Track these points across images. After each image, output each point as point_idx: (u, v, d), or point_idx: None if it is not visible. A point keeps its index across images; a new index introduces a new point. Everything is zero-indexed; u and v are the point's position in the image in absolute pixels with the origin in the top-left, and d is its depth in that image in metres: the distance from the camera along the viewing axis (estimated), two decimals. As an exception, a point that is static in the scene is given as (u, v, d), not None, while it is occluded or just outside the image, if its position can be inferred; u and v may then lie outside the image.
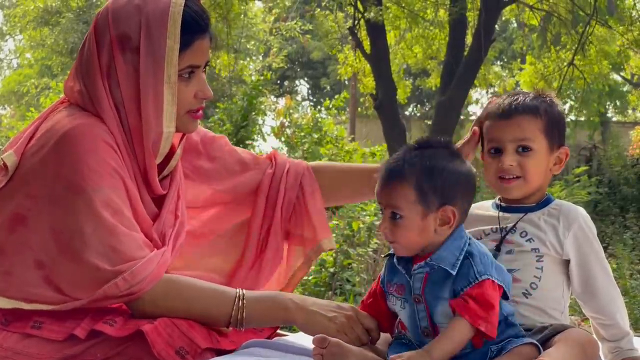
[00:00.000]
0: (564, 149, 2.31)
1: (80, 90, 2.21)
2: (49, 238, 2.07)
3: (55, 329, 2.04)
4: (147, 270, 2.06)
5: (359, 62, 15.98)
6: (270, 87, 18.40)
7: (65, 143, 2.08)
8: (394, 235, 2.03)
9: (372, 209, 7.89)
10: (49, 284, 2.07)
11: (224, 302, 2.15)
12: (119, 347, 2.01)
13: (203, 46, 2.27)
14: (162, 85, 2.18)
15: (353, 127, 21.70)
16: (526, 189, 2.26)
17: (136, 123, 2.19)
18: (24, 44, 23.62)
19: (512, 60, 24.02)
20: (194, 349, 2.01)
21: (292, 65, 32.40)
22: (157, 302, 2.09)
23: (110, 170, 2.10)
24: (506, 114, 2.26)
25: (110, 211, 2.06)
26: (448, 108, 14.13)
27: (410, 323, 2.06)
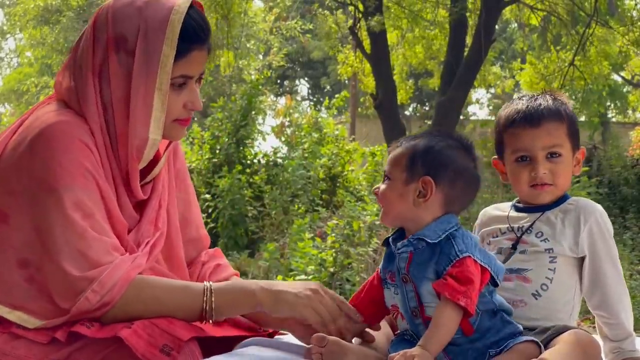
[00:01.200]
0: (582, 149, 2.33)
1: (68, 86, 2.19)
2: (34, 237, 2.04)
3: (38, 331, 2.02)
4: (116, 276, 2.02)
5: (359, 62, 15.99)
6: (270, 86, 18.41)
7: (40, 140, 2.05)
8: (382, 197, 2.10)
9: (374, 209, 7.90)
10: (31, 285, 2.05)
11: (193, 297, 2.12)
12: (103, 352, 1.99)
13: (199, 57, 2.23)
14: (152, 92, 2.14)
15: (353, 127, 21.70)
16: (557, 194, 2.29)
17: (122, 125, 2.16)
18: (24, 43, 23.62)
19: (512, 61, 24.02)
20: (177, 343, 1.98)
21: (292, 64, 32.40)
22: (128, 307, 2.05)
23: (84, 170, 2.07)
24: (534, 121, 2.25)
25: (81, 213, 2.03)
26: (448, 108, 14.13)
27: (402, 306, 2.07)
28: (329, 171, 11.28)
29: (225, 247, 9.39)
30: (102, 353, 1.99)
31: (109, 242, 2.08)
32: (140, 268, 2.11)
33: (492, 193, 11.60)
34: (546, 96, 2.32)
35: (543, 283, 2.22)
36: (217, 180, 10.06)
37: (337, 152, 11.82)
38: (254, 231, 9.59)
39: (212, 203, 10.01)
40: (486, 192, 11.67)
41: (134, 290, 2.06)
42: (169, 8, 2.15)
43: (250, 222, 9.78)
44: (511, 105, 2.35)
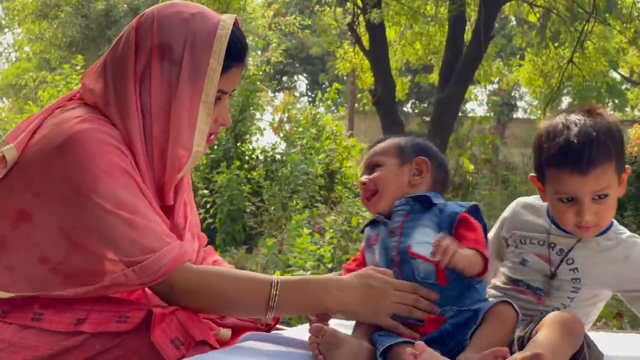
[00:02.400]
0: (626, 170, 2.20)
1: (102, 91, 2.19)
2: (59, 236, 2.06)
3: (55, 320, 2.03)
4: (162, 262, 2.04)
5: (358, 58, 15.99)
6: (269, 82, 18.39)
7: (73, 144, 2.05)
8: (378, 181, 2.31)
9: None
10: (56, 275, 2.07)
11: (259, 292, 2.12)
12: (117, 339, 2.00)
13: (237, 75, 2.28)
14: (198, 104, 2.18)
15: (351, 123, 21.69)
16: (601, 229, 2.23)
17: (160, 133, 2.17)
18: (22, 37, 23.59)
19: (511, 57, 24.02)
20: (188, 340, 2.00)
21: (291, 60, 32.37)
22: (193, 295, 2.08)
23: (122, 171, 2.08)
24: (582, 169, 2.09)
25: (125, 210, 2.04)
26: (447, 104, 14.14)
27: (381, 258, 2.24)
28: (327, 167, 11.28)
29: (223, 243, 9.39)
30: (116, 340, 2.00)
31: (160, 229, 2.10)
32: (188, 255, 2.13)
33: (491, 190, 11.61)
34: (591, 123, 2.13)
35: (556, 308, 2.21)
36: (215, 175, 10.06)
37: (335, 148, 11.82)
38: (252, 227, 9.59)
39: (210, 199, 10.01)
40: (484, 188, 11.69)
41: (198, 278, 2.10)
42: (215, 23, 2.20)
43: (248, 217, 9.77)
44: (553, 132, 2.17)
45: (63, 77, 11.44)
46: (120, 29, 13.20)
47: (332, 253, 7.03)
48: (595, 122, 2.13)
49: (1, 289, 2.08)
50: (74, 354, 1.99)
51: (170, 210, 2.31)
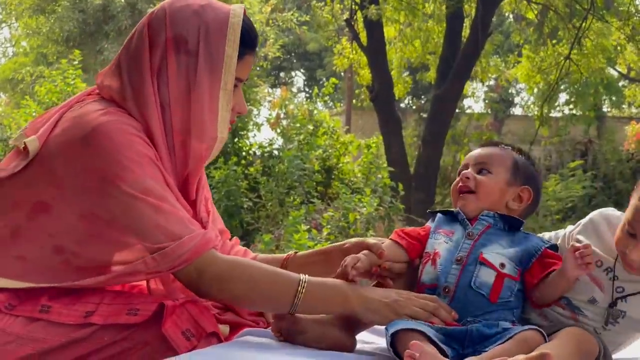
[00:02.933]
0: None
1: (120, 86, 2.21)
2: (77, 223, 2.08)
3: (64, 312, 2.04)
4: (182, 249, 2.06)
5: (356, 54, 15.97)
6: (266, 77, 18.38)
7: (98, 136, 2.07)
8: (483, 186, 2.36)
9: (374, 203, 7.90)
10: (68, 266, 2.09)
11: (286, 286, 2.16)
12: (126, 331, 2.01)
13: (251, 62, 2.33)
14: (218, 92, 2.22)
15: (349, 119, 21.68)
16: None
17: (180, 125, 2.21)
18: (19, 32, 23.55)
19: (509, 54, 24.01)
20: (199, 332, 2.03)
21: (288, 56, 32.35)
22: (222, 283, 2.11)
23: (149, 160, 2.11)
24: None
25: (153, 197, 2.07)
26: (444, 101, 14.14)
27: (447, 253, 2.28)
28: (324, 163, 11.28)
29: (220, 238, 9.37)
30: (125, 333, 2.01)
31: (185, 217, 2.13)
32: (212, 242, 2.16)
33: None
34: None
35: (590, 327, 2.18)
36: (213, 171, 10.05)
37: (332, 144, 11.81)
38: (249, 222, 9.58)
39: (208, 194, 10.00)
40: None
41: (228, 267, 2.13)
42: (227, 12, 2.24)
43: (246, 213, 9.77)
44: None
45: (60, 72, 11.40)
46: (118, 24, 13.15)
47: (330, 249, 7.03)
48: None
49: (12, 279, 2.09)
50: (83, 346, 2.01)
51: (193, 204, 2.34)
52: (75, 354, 2.01)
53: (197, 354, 1.95)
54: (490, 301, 2.18)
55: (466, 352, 2.03)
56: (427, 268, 2.31)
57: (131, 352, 2.00)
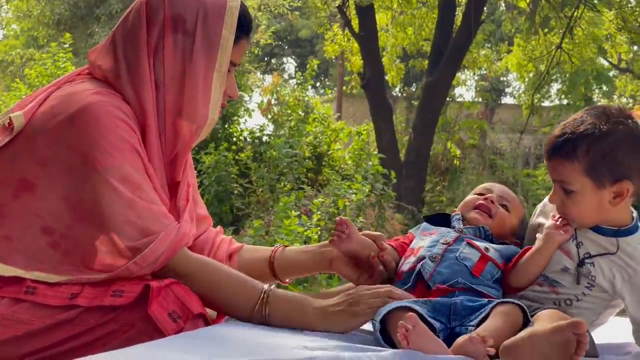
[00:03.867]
0: (621, 183, 2.22)
1: (115, 64, 2.21)
2: (63, 207, 2.07)
3: (49, 294, 2.03)
4: (160, 249, 2.08)
5: (347, 41, 15.94)
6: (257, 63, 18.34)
7: (84, 117, 2.07)
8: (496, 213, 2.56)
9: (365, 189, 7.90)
10: (56, 250, 2.07)
11: (248, 294, 2.18)
12: (112, 314, 2.00)
13: (245, 46, 2.35)
14: (212, 72, 2.24)
15: (340, 106, 21.66)
16: (575, 223, 2.30)
17: (173, 105, 2.22)
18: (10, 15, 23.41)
19: (500, 43, 24.01)
20: (186, 313, 2.03)
21: (280, 42, 32.29)
22: (187, 282, 2.11)
23: (130, 147, 2.11)
24: (547, 155, 2.31)
25: (129, 186, 2.07)
26: (435, 89, 14.14)
27: (430, 242, 2.40)
28: (315, 150, 11.28)
29: (210, 224, 9.37)
30: (110, 315, 2.00)
31: (158, 210, 2.13)
32: (187, 237, 2.19)
33: (478, 174, 11.64)
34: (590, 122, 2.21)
35: (569, 299, 2.26)
36: (204, 156, 10.05)
37: (323, 131, 11.81)
38: (240, 208, 9.58)
39: (198, 179, 10.00)
40: (471, 173, 11.72)
41: (193, 265, 2.15)
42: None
43: (236, 199, 9.77)
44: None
45: (50, 55, 11.37)
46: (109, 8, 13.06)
47: (319, 235, 7.05)
48: (597, 124, 2.20)
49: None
50: (68, 328, 2.00)
51: (176, 187, 2.34)
52: (61, 336, 1.99)
53: (188, 335, 1.95)
54: (473, 274, 2.25)
55: (453, 325, 2.08)
56: (409, 259, 2.39)
57: (117, 334, 1.99)
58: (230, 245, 2.62)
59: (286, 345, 1.88)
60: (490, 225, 2.49)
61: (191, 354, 1.61)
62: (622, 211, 2.27)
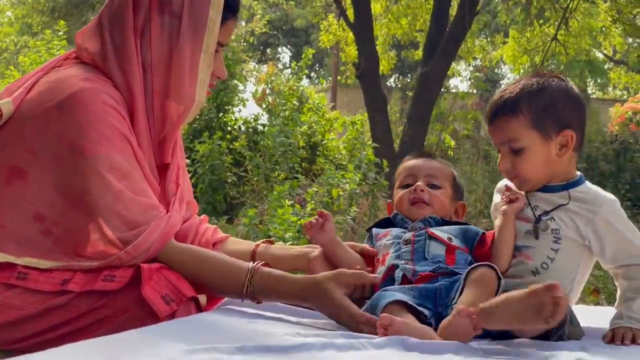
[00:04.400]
0: (564, 132, 2.33)
1: (101, 46, 2.20)
2: (55, 194, 2.07)
3: (41, 280, 2.03)
4: (151, 239, 2.08)
5: (342, 31, 15.92)
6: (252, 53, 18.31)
7: (73, 104, 2.06)
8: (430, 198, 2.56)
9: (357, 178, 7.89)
10: (48, 237, 2.07)
11: (236, 277, 2.18)
12: (104, 299, 2.01)
13: (232, 27, 2.34)
14: (199, 54, 2.23)
15: (334, 96, 21.65)
16: (530, 183, 2.38)
17: (160, 86, 2.22)
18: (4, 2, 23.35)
19: (495, 34, 24.00)
20: (179, 297, 2.03)
21: (275, 32, 32.24)
22: (173, 267, 2.11)
23: (120, 134, 2.11)
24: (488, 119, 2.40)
25: (118, 175, 2.07)
26: (430, 79, 14.11)
27: (392, 247, 2.38)
28: (309, 139, 11.27)
29: (203, 213, 9.36)
30: (103, 300, 2.00)
31: (146, 202, 2.13)
32: (176, 227, 2.20)
33: (472, 165, 11.64)
34: (525, 83, 2.34)
35: (544, 262, 2.29)
36: (197, 145, 10.03)
37: (317, 121, 11.80)
38: (234, 197, 9.58)
39: (192, 168, 9.98)
40: (466, 163, 11.72)
41: (176, 255, 2.15)
42: None
43: (230, 188, 9.76)
44: None
45: (45, 42, 11.33)
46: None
47: (313, 224, 7.03)
48: (533, 82, 2.33)
49: None
50: (60, 314, 2.00)
51: (166, 169, 2.33)
52: (53, 321, 2.00)
53: (180, 322, 1.95)
54: (448, 266, 2.26)
55: (439, 310, 2.10)
56: (379, 269, 2.38)
57: (110, 319, 2.00)
58: (215, 234, 2.63)
59: (279, 332, 1.88)
60: (433, 211, 2.51)
61: (183, 340, 1.61)
62: (568, 165, 2.37)
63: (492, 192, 2.60)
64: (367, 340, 1.82)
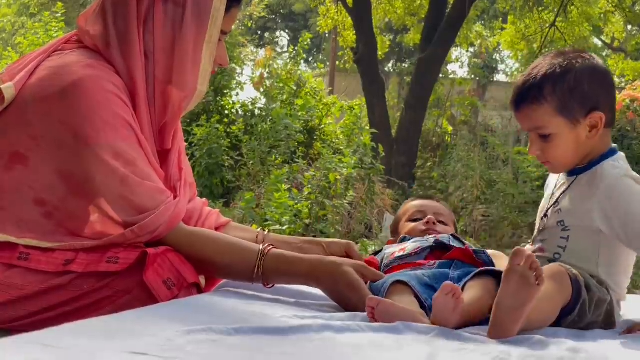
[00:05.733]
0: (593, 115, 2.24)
1: (104, 32, 2.19)
2: (56, 180, 2.07)
3: (43, 260, 2.03)
4: (158, 222, 2.08)
5: (340, 15, 15.90)
6: (251, 37, 18.28)
7: (76, 92, 2.05)
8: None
9: (352, 161, 7.90)
10: (50, 220, 2.08)
11: (246, 260, 2.18)
12: (106, 279, 2.01)
13: (236, 15, 2.33)
14: (202, 44, 2.22)
15: (332, 81, 21.63)
16: (559, 167, 2.35)
17: (162, 74, 2.20)
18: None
19: (494, 20, 23.97)
20: (181, 282, 2.04)
21: (274, 16, 32.17)
22: (181, 250, 2.12)
23: (124, 122, 2.10)
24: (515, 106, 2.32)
25: (122, 162, 2.07)
26: (428, 65, 14.12)
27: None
28: (307, 124, 11.27)
29: (200, 196, 9.36)
30: (105, 281, 2.01)
31: (153, 187, 2.13)
32: (183, 213, 2.19)
33: (469, 151, 11.64)
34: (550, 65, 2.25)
35: (556, 252, 2.25)
36: (195, 128, 10.03)
37: (315, 105, 11.79)
38: (231, 181, 9.59)
39: (189, 151, 9.99)
40: (463, 149, 11.72)
41: (187, 239, 2.16)
42: None
43: (227, 171, 9.77)
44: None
45: (43, 24, 11.30)
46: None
47: (310, 209, 7.06)
48: (556, 64, 2.24)
49: None
50: (62, 293, 2.01)
51: (167, 155, 2.34)
52: (54, 300, 2.00)
53: (178, 303, 1.96)
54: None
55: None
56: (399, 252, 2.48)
57: (111, 300, 2.00)
58: (219, 218, 2.63)
59: (276, 314, 1.89)
60: None
61: (180, 321, 1.62)
62: (600, 142, 2.27)
63: (489, 178, 2.60)
64: (365, 323, 1.82)
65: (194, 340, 1.47)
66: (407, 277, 2.14)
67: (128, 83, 2.17)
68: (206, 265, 2.16)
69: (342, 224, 7.23)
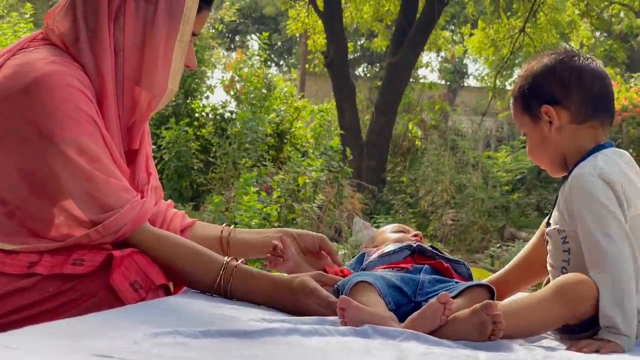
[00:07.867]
0: (544, 108, 2.24)
1: (73, 28, 2.16)
2: (17, 178, 2.04)
3: (7, 262, 2.00)
4: (122, 221, 2.05)
5: (310, 19, 15.91)
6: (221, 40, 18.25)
7: (40, 89, 2.02)
8: None
9: (318, 164, 7.91)
10: (11, 220, 2.04)
11: (209, 269, 2.15)
12: (72, 282, 1.98)
13: (206, 17, 2.32)
14: (174, 42, 2.20)
15: (303, 85, 21.64)
16: (547, 168, 2.37)
17: (132, 72, 2.18)
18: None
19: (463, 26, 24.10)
20: (148, 284, 2.02)
21: (244, 20, 32.16)
22: (146, 252, 2.09)
23: (88, 117, 2.07)
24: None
25: (86, 158, 2.03)
26: (398, 69, 14.17)
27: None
28: (277, 127, 11.27)
29: (169, 199, 9.32)
30: (71, 283, 1.98)
31: (118, 185, 2.10)
32: (149, 213, 2.16)
33: (439, 155, 11.70)
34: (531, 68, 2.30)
35: (562, 266, 2.16)
36: (164, 131, 9.99)
37: (285, 109, 11.80)
38: (201, 184, 9.56)
39: (158, 154, 9.95)
40: (433, 154, 11.78)
41: (149, 241, 2.12)
42: None
43: (196, 174, 9.75)
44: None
45: (11, 25, 11.20)
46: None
47: (279, 212, 7.05)
48: (535, 64, 2.31)
49: None
50: (26, 296, 1.98)
51: (135, 155, 2.31)
52: (19, 303, 1.98)
53: (145, 305, 1.94)
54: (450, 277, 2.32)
55: (419, 300, 2.11)
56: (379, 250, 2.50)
57: (77, 303, 1.98)
58: (184, 220, 2.60)
59: (243, 317, 1.88)
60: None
61: (147, 324, 1.60)
62: (572, 140, 2.22)
63: (459, 182, 2.60)
64: (333, 327, 1.82)
65: (160, 343, 1.46)
66: (373, 277, 2.12)
67: (95, 80, 2.14)
68: (168, 269, 2.13)
69: (312, 227, 7.22)
